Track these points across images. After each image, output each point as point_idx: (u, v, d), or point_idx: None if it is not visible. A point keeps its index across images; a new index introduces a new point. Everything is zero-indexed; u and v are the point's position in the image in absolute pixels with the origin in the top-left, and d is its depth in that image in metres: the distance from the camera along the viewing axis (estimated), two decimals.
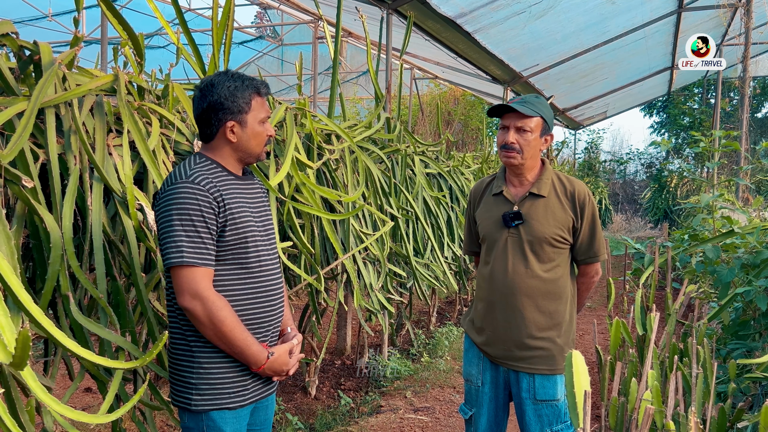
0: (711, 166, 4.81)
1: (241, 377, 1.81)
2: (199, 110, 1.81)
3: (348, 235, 3.62)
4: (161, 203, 1.74)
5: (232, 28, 2.57)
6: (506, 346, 2.24)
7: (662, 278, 3.45)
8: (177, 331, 1.82)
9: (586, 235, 2.23)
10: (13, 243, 1.65)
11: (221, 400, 1.79)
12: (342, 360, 5.01)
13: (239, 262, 1.80)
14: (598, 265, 2.32)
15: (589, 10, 7.50)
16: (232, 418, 1.81)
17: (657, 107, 19.37)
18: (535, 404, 2.20)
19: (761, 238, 3.04)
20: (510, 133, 2.21)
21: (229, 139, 1.81)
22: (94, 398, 4.16)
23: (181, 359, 1.81)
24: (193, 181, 1.72)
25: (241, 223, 1.79)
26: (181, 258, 1.68)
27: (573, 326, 2.28)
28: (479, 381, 2.33)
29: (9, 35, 1.90)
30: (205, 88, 1.80)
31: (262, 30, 12.66)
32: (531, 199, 2.23)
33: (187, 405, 1.79)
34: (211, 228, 1.72)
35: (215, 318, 1.70)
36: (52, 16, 8.74)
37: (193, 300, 1.69)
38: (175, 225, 1.70)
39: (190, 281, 1.69)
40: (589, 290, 2.38)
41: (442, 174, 5.46)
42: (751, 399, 2.43)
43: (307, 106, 3.39)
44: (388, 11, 4.97)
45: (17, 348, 1.36)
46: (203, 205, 1.71)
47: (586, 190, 2.26)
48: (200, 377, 1.78)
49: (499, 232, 2.26)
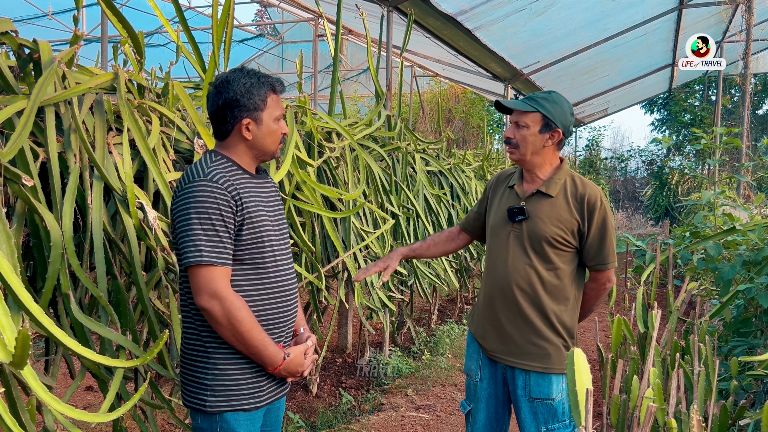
0: (712, 163, 4.80)
1: (256, 378, 1.80)
2: (214, 107, 1.79)
3: (349, 233, 3.62)
4: (179, 202, 1.72)
5: (232, 26, 2.56)
6: (501, 340, 2.23)
7: (663, 276, 3.45)
8: (192, 332, 1.79)
9: (595, 240, 2.18)
10: (13, 242, 1.65)
11: (236, 401, 1.77)
12: (343, 358, 5.01)
13: (255, 261, 1.78)
14: (611, 273, 2.25)
15: (589, 7, 7.49)
16: (246, 420, 1.80)
17: (658, 104, 19.36)
18: (530, 402, 2.20)
19: (763, 235, 3.03)
20: (511, 127, 2.24)
21: (244, 136, 1.79)
22: (95, 397, 4.16)
23: (195, 360, 1.78)
24: (212, 179, 1.70)
25: (257, 222, 1.77)
26: (200, 257, 1.66)
27: (574, 331, 2.24)
28: (478, 376, 2.33)
29: (8, 33, 1.90)
30: (220, 85, 1.78)
31: (263, 28, 12.65)
32: (538, 196, 2.21)
33: (202, 406, 1.76)
34: (229, 227, 1.71)
35: (233, 318, 1.68)
36: (52, 15, 8.73)
37: (212, 300, 1.66)
38: (193, 224, 1.67)
39: (208, 281, 1.67)
40: (599, 298, 2.32)
41: (442, 172, 5.45)
42: (753, 396, 2.42)
43: (308, 104, 3.39)
44: (388, 9, 4.96)
45: (17, 347, 1.36)
46: (222, 203, 1.69)
47: (599, 195, 2.19)
48: (215, 378, 1.76)
49: (505, 225, 2.25)
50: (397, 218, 4.18)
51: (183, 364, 1.84)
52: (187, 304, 1.80)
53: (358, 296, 3.65)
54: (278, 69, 12.83)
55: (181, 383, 1.85)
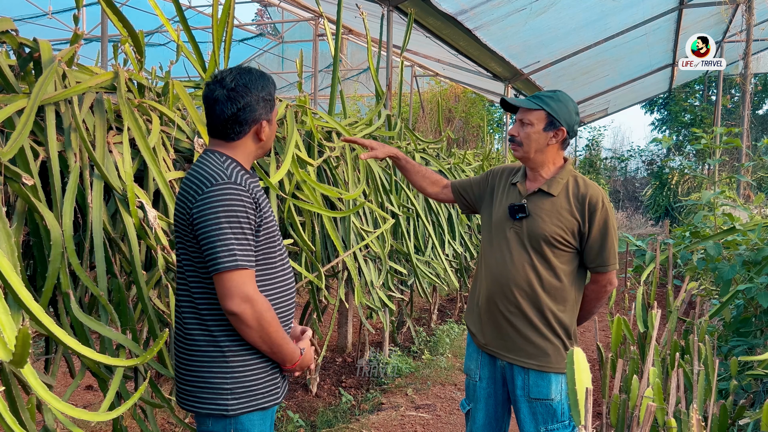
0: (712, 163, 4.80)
1: (272, 376, 1.81)
2: (233, 110, 1.74)
3: (349, 233, 3.62)
4: (205, 205, 1.67)
5: (232, 26, 2.56)
6: (499, 336, 2.23)
7: (663, 275, 3.45)
8: (204, 337, 1.75)
9: (596, 241, 2.17)
10: (13, 241, 1.65)
11: (256, 400, 1.77)
12: (343, 357, 5.01)
13: (267, 261, 1.79)
14: (612, 276, 2.24)
15: (590, 6, 7.48)
16: (260, 420, 1.79)
17: (658, 104, 19.35)
18: (529, 402, 2.20)
19: (762, 235, 3.04)
20: (515, 125, 2.24)
21: (260, 137, 1.80)
22: (95, 396, 4.17)
23: (210, 365, 1.75)
24: (236, 181, 1.69)
25: (270, 223, 1.79)
26: (235, 262, 1.64)
27: (572, 332, 2.24)
28: (477, 376, 2.34)
29: (9, 32, 1.90)
30: (239, 88, 1.75)
31: (263, 27, 12.65)
32: (540, 195, 2.21)
33: (223, 411, 1.74)
34: (253, 228, 1.71)
35: (263, 320, 1.67)
36: (52, 14, 8.73)
37: (243, 303, 1.64)
38: (224, 228, 1.65)
39: (241, 285, 1.65)
40: (600, 300, 2.31)
41: (443, 171, 5.45)
42: (753, 396, 2.43)
43: (308, 104, 3.39)
44: (388, 8, 4.96)
45: (17, 346, 1.36)
46: (248, 206, 1.69)
47: (601, 196, 2.18)
48: (235, 380, 1.74)
49: (505, 222, 2.25)
50: (397, 218, 4.18)
51: (191, 371, 1.78)
52: (196, 309, 1.76)
53: (358, 296, 3.65)
54: (278, 68, 12.83)
55: (188, 391, 1.80)
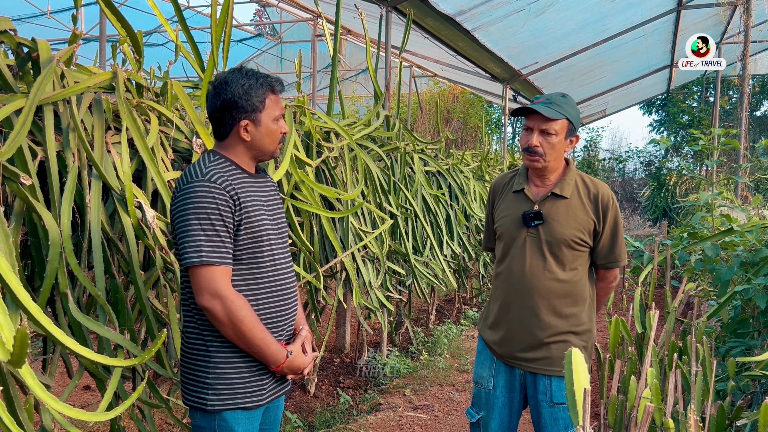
0: (710, 164, 4.80)
1: (258, 377, 1.81)
2: (212, 108, 1.80)
3: (347, 233, 3.62)
4: (178, 202, 1.73)
5: (231, 26, 2.56)
6: (521, 346, 2.19)
7: (661, 276, 3.45)
8: (193, 331, 1.80)
9: (608, 239, 2.18)
10: (11, 240, 1.65)
11: (237, 399, 1.78)
12: (341, 358, 5.01)
13: (253, 260, 1.79)
14: (617, 270, 2.27)
15: (588, 7, 7.49)
16: (245, 419, 1.80)
17: (656, 105, 19.37)
18: (551, 407, 2.16)
19: (760, 236, 3.04)
20: (534, 135, 2.13)
21: (242, 137, 1.80)
22: (92, 396, 4.16)
23: (196, 359, 1.79)
24: (210, 179, 1.71)
25: (255, 221, 1.78)
26: (200, 257, 1.67)
27: (592, 330, 2.23)
28: (490, 384, 2.28)
29: (7, 32, 1.89)
30: (219, 86, 1.78)
31: (261, 28, 12.64)
32: (552, 199, 2.18)
33: (203, 405, 1.77)
34: (228, 226, 1.72)
35: (235, 317, 1.69)
36: (51, 14, 8.72)
37: (213, 299, 1.68)
38: (192, 224, 1.68)
39: (209, 281, 1.68)
40: (607, 295, 2.33)
41: (441, 172, 5.45)
42: (750, 397, 2.43)
43: (306, 104, 3.38)
44: (387, 9, 4.96)
45: (15, 346, 1.36)
46: (220, 203, 1.70)
47: (610, 193, 2.19)
48: (216, 377, 1.76)
49: (518, 230, 2.21)
50: (395, 218, 4.18)
51: (183, 363, 1.84)
52: (188, 304, 1.81)
53: (357, 296, 3.65)
54: (277, 69, 12.82)
55: (181, 382, 1.85)
